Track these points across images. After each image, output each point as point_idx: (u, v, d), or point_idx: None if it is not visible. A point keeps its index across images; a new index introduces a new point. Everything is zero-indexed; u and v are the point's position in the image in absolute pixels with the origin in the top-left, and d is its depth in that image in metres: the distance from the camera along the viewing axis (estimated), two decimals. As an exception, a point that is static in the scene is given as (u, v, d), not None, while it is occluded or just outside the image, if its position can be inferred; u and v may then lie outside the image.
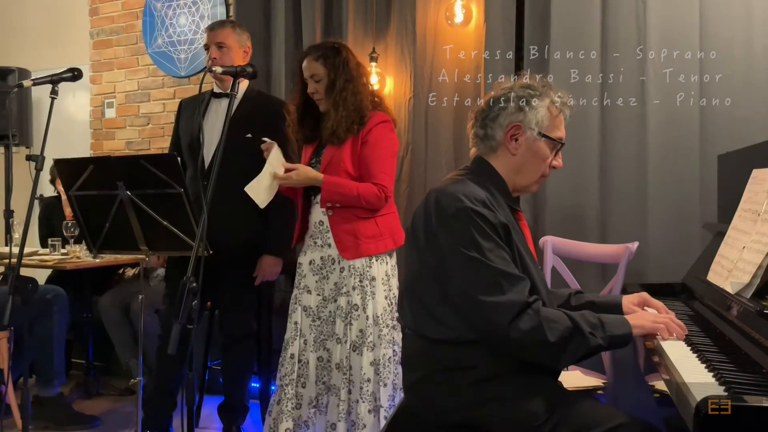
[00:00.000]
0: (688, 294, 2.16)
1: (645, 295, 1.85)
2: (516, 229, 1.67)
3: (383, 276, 2.54)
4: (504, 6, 3.09)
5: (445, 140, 3.27)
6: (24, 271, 2.33)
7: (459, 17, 3.20)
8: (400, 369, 2.49)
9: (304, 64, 2.56)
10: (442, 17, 3.27)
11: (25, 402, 2.23)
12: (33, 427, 3.09)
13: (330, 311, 2.57)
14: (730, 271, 1.75)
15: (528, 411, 1.55)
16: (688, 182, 2.82)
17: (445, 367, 1.63)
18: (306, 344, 2.59)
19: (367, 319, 2.49)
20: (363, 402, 2.47)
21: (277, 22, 3.69)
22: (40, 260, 3.45)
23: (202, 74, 2.60)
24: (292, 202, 2.75)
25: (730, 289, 1.69)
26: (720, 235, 2.03)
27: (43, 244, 3.91)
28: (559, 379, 1.73)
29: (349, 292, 2.52)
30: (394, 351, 2.53)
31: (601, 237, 2.92)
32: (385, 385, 2.49)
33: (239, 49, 2.89)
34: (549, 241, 2.80)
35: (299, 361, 2.58)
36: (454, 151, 3.26)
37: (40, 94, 4.40)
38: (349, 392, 2.50)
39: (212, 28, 2.88)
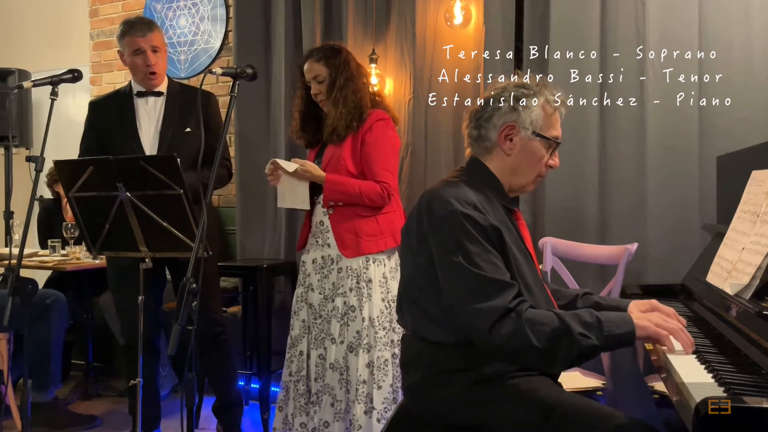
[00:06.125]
0: (687, 295, 2.16)
1: (655, 302, 1.74)
2: (511, 231, 1.67)
3: (380, 278, 2.54)
4: (503, 6, 3.09)
5: (444, 141, 3.27)
6: (24, 273, 2.33)
7: (458, 18, 3.20)
8: (399, 372, 2.49)
9: (306, 66, 2.60)
10: (441, 18, 3.26)
11: (24, 403, 2.23)
12: (33, 429, 3.09)
13: (328, 310, 2.58)
14: (730, 272, 1.75)
15: (527, 412, 1.55)
16: (687, 183, 2.81)
17: (444, 369, 1.63)
18: (311, 341, 2.61)
19: (363, 321, 2.50)
20: (359, 403, 2.48)
21: (277, 23, 3.69)
22: (40, 261, 3.45)
23: (202, 75, 2.60)
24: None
25: (730, 290, 1.69)
26: (719, 236, 2.03)
27: (42, 248, 3.90)
28: (559, 379, 1.73)
29: (345, 293, 2.53)
30: (393, 354, 2.52)
31: (600, 238, 2.92)
32: (380, 387, 2.49)
33: (164, 50, 2.90)
34: (548, 242, 2.80)
35: (308, 357, 2.61)
36: (454, 151, 3.26)
37: (40, 96, 4.40)
38: (347, 392, 2.52)
39: (144, 33, 2.78)
